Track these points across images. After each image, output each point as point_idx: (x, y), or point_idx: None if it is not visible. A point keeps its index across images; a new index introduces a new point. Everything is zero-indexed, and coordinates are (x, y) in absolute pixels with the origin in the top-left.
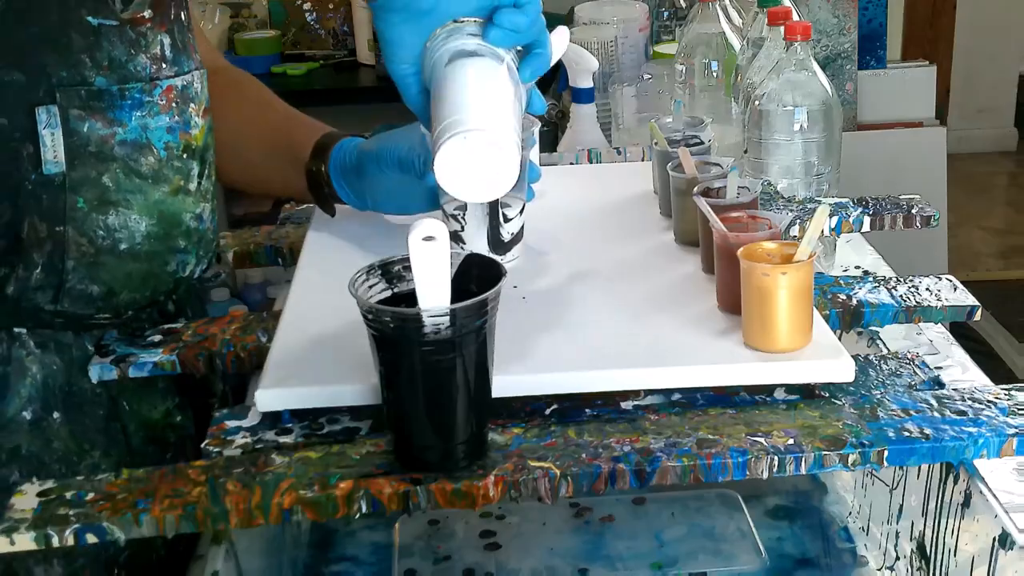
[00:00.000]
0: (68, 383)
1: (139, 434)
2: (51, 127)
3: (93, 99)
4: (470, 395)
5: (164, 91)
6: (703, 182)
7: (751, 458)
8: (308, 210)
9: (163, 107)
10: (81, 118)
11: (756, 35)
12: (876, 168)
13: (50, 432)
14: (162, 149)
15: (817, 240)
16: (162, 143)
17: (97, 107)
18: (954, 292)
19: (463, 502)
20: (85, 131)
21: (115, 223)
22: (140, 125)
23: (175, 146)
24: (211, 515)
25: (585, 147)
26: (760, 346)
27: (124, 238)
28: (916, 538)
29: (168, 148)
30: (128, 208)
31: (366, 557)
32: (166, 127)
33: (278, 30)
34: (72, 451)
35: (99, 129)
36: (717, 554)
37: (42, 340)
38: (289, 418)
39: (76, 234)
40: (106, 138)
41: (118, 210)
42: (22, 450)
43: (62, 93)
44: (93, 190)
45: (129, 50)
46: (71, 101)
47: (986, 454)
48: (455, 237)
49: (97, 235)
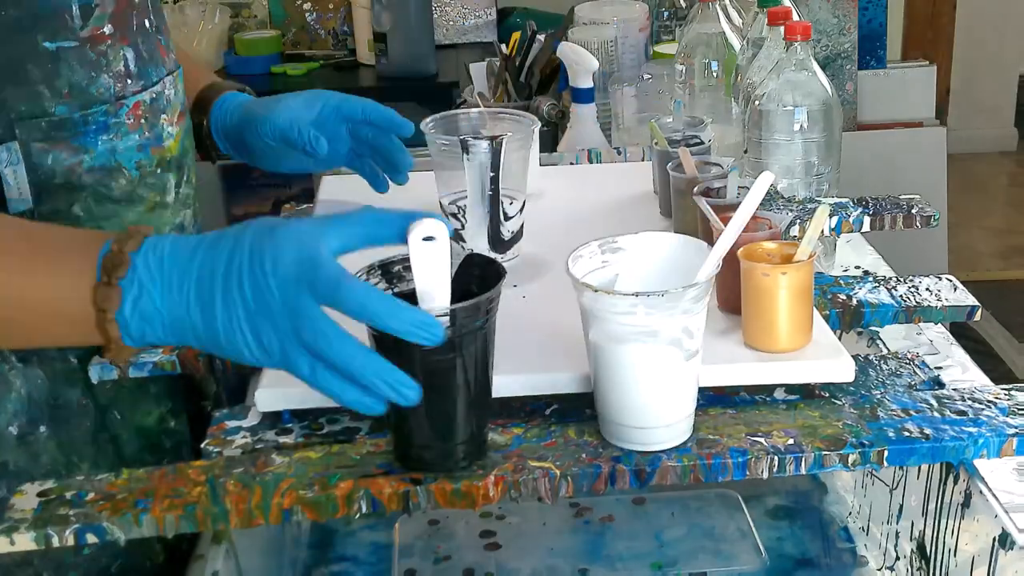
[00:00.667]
0: (53, 396)
1: (133, 442)
2: (12, 163)
3: (55, 129)
4: (470, 395)
5: (131, 109)
6: (703, 182)
7: (751, 458)
8: (308, 210)
9: (131, 126)
10: (44, 150)
11: (756, 35)
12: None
13: (37, 446)
14: (133, 169)
15: (817, 240)
16: (133, 163)
17: (60, 136)
18: (954, 292)
19: (463, 502)
20: (49, 163)
21: None
22: (108, 149)
23: (147, 163)
24: (211, 515)
25: (585, 147)
26: (760, 346)
27: None
28: (916, 538)
29: (140, 167)
30: None
31: (366, 557)
32: (136, 146)
33: (278, 30)
34: (61, 464)
35: (64, 160)
36: (717, 554)
37: (25, 354)
38: (289, 418)
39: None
40: (73, 167)
41: None
42: (9, 465)
43: (21, 127)
44: (64, 222)
45: (90, 72)
46: (32, 134)
47: (986, 454)
48: (456, 236)
49: None
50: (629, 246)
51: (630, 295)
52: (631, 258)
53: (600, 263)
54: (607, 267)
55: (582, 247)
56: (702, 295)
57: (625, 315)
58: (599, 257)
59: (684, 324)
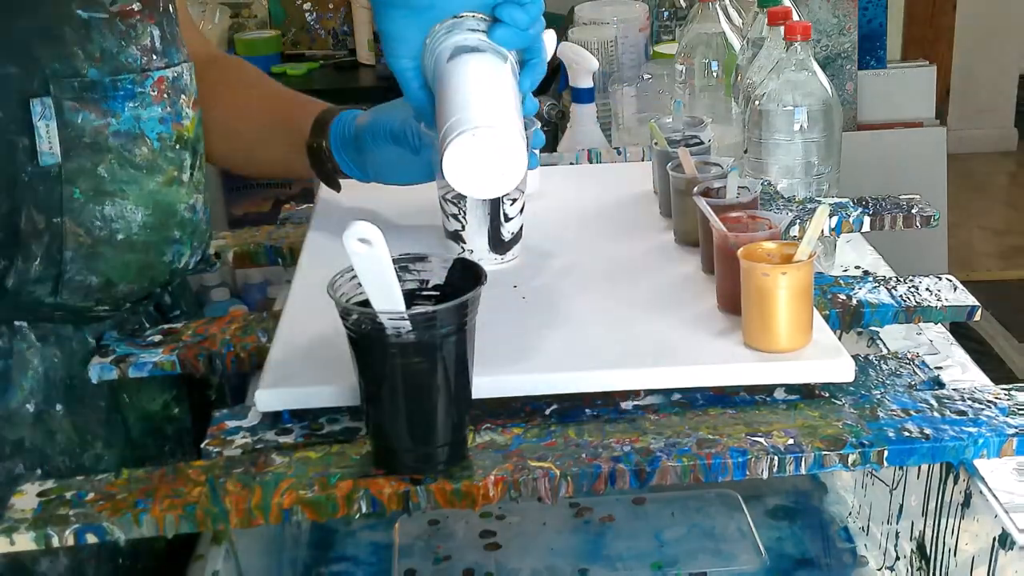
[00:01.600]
0: (69, 376)
1: (138, 426)
2: (46, 119)
3: (87, 90)
4: (449, 398)
5: (156, 82)
6: (703, 182)
7: (751, 458)
8: (308, 210)
9: (155, 98)
10: (75, 109)
11: (756, 35)
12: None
13: (53, 425)
14: (155, 140)
15: (817, 240)
16: (155, 134)
17: (91, 98)
18: (954, 292)
19: (463, 502)
20: (80, 122)
21: (111, 213)
22: (133, 116)
23: (168, 136)
24: (211, 515)
25: (585, 147)
26: (760, 346)
27: (121, 228)
28: (916, 538)
29: (161, 139)
30: (124, 198)
31: (366, 557)
32: (159, 118)
33: (278, 30)
34: (75, 443)
35: (93, 120)
36: (717, 554)
37: (42, 333)
38: (289, 418)
39: (73, 225)
40: (100, 129)
41: (114, 200)
42: (25, 443)
43: (56, 84)
44: (89, 181)
45: (120, 41)
46: (65, 92)
47: (986, 454)
48: (456, 237)
49: (94, 225)
50: None
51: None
52: None
53: None
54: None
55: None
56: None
57: None
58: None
59: None
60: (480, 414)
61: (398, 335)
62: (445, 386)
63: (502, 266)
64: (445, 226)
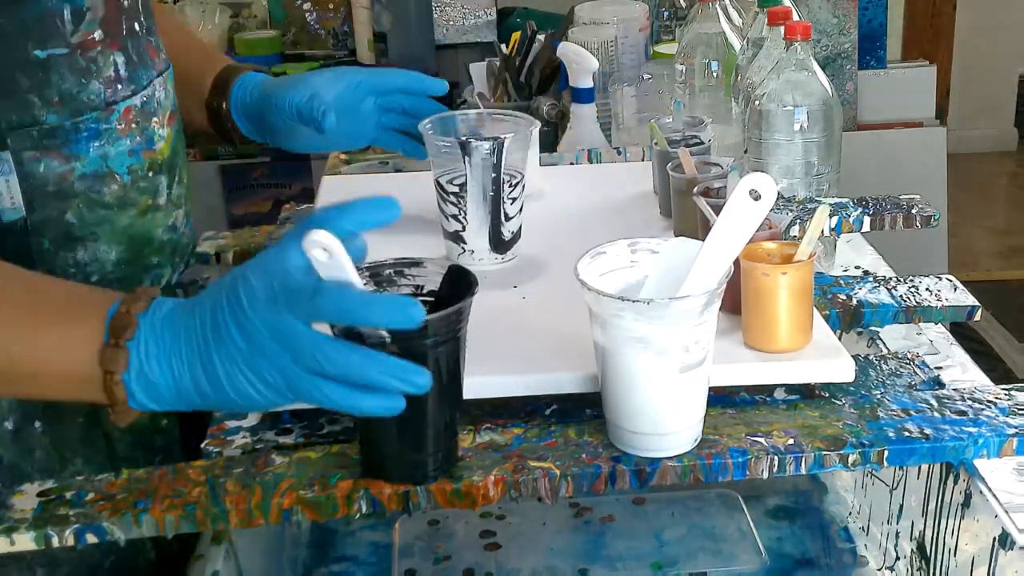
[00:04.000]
0: None
1: (124, 439)
2: (4, 174)
3: (46, 137)
4: (441, 406)
5: (122, 114)
6: (703, 182)
7: (751, 458)
8: (308, 210)
9: (122, 131)
10: (36, 159)
11: (756, 35)
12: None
13: (31, 442)
14: (125, 174)
15: (817, 240)
16: (125, 168)
17: (51, 145)
18: (954, 292)
19: (463, 502)
20: (41, 171)
21: (84, 257)
22: (99, 155)
23: (139, 168)
24: (211, 515)
25: (585, 147)
26: (760, 346)
27: (95, 270)
28: (916, 538)
29: (132, 171)
30: (95, 240)
31: (366, 557)
32: (127, 151)
33: (278, 30)
34: (54, 460)
35: (56, 167)
36: (717, 554)
37: None
38: (289, 418)
39: (46, 274)
40: (64, 175)
41: (85, 245)
42: (3, 460)
43: (13, 137)
44: (57, 229)
45: (80, 79)
46: (23, 143)
47: (986, 454)
48: (456, 237)
49: (68, 272)
50: (665, 251)
51: (615, 298)
52: (665, 263)
53: (628, 262)
54: (635, 267)
55: (608, 244)
56: (698, 308)
57: (616, 318)
58: (627, 256)
59: (676, 335)
60: (480, 414)
61: (382, 343)
62: (435, 394)
63: (502, 266)
64: (444, 227)
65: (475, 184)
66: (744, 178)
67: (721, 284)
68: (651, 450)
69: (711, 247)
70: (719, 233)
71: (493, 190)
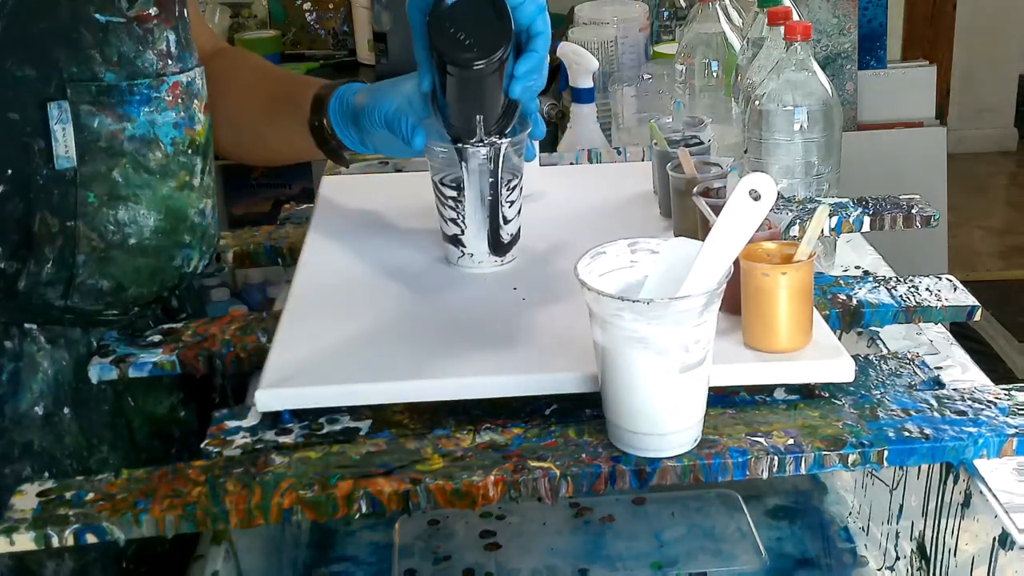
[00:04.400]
0: (76, 379)
1: (144, 429)
2: (62, 122)
3: (103, 94)
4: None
5: (170, 87)
6: (703, 182)
7: (751, 458)
8: (308, 210)
9: (170, 103)
10: (91, 113)
11: (756, 35)
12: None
13: (61, 428)
14: (169, 144)
15: (817, 240)
16: (169, 139)
17: (107, 102)
18: (954, 292)
19: (463, 502)
20: (95, 126)
21: (125, 218)
22: (148, 120)
23: (181, 141)
24: (211, 515)
25: (585, 147)
26: (760, 346)
27: (133, 232)
28: (916, 538)
29: (175, 143)
30: (137, 203)
31: (366, 557)
32: (172, 123)
33: (278, 30)
34: (82, 446)
35: (109, 124)
36: (717, 554)
37: (52, 336)
38: (289, 418)
39: (87, 229)
40: (115, 133)
41: (127, 205)
42: (34, 445)
43: (73, 88)
44: (103, 185)
45: (137, 46)
46: (82, 96)
47: (986, 454)
48: (455, 240)
49: (107, 230)
50: (665, 251)
51: (615, 298)
52: (665, 263)
53: (628, 262)
54: (635, 267)
55: (608, 244)
56: (698, 308)
57: (615, 318)
58: (627, 256)
59: (676, 335)
60: (480, 414)
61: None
62: None
63: (501, 268)
64: (443, 230)
65: (473, 189)
66: (744, 178)
67: (721, 284)
68: (651, 450)
69: (711, 247)
70: (719, 233)
71: (491, 194)
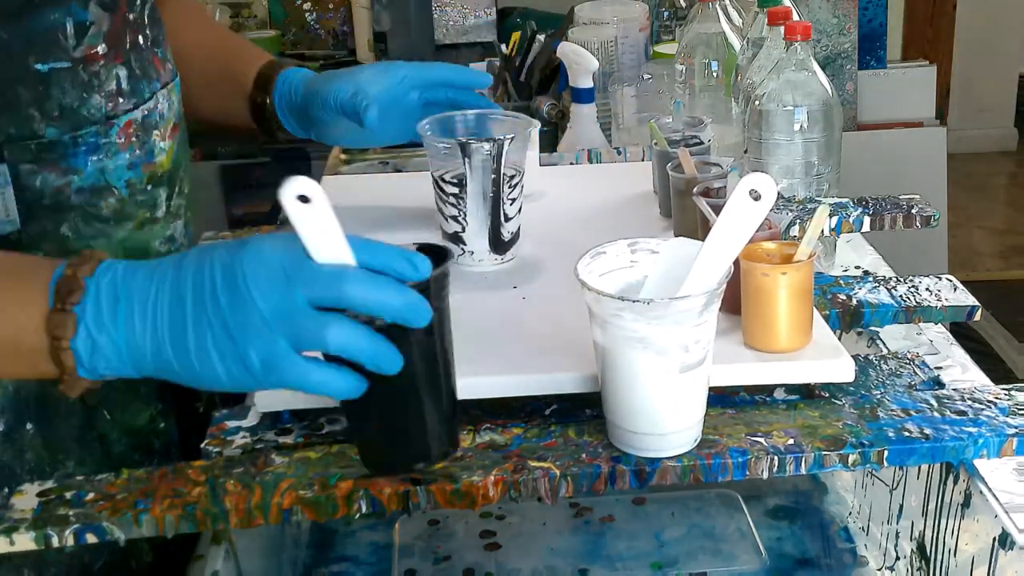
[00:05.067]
0: (42, 394)
1: (122, 441)
2: (1, 186)
3: (44, 151)
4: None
5: (122, 128)
6: (703, 182)
7: (751, 458)
8: None
9: (121, 145)
10: (33, 172)
11: (756, 35)
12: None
13: (23, 443)
14: (123, 188)
15: (817, 240)
16: (123, 182)
17: (49, 159)
18: (954, 292)
19: (463, 502)
20: (38, 185)
21: None
22: (97, 169)
23: (137, 181)
24: (211, 515)
25: (585, 147)
26: (760, 346)
27: None
28: (916, 538)
29: (130, 185)
30: None
31: (366, 557)
32: (126, 164)
33: (278, 30)
34: (45, 461)
35: (53, 180)
36: (717, 554)
37: None
38: (289, 418)
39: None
40: (61, 188)
41: None
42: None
43: (10, 149)
44: (51, 243)
45: (81, 94)
46: (20, 156)
47: (986, 454)
48: (455, 238)
49: None
50: (665, 251)
51: (615, 298)
52: (665, 263)
53: (628, 262)
54: (635, 267)
55: (608, 244)
56: (698, 309)
57: (615, 318)
58: (627, 256)
59: (676, 335)
60: (480, 414)
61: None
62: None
63: (502, 266)
64: (444, 228)
65: (475, 185)
66: (744, 178)
67: (721, 284)
68: (651, 450)
69: (711, 247)
70: (719, 233)
71: (493, 191)
